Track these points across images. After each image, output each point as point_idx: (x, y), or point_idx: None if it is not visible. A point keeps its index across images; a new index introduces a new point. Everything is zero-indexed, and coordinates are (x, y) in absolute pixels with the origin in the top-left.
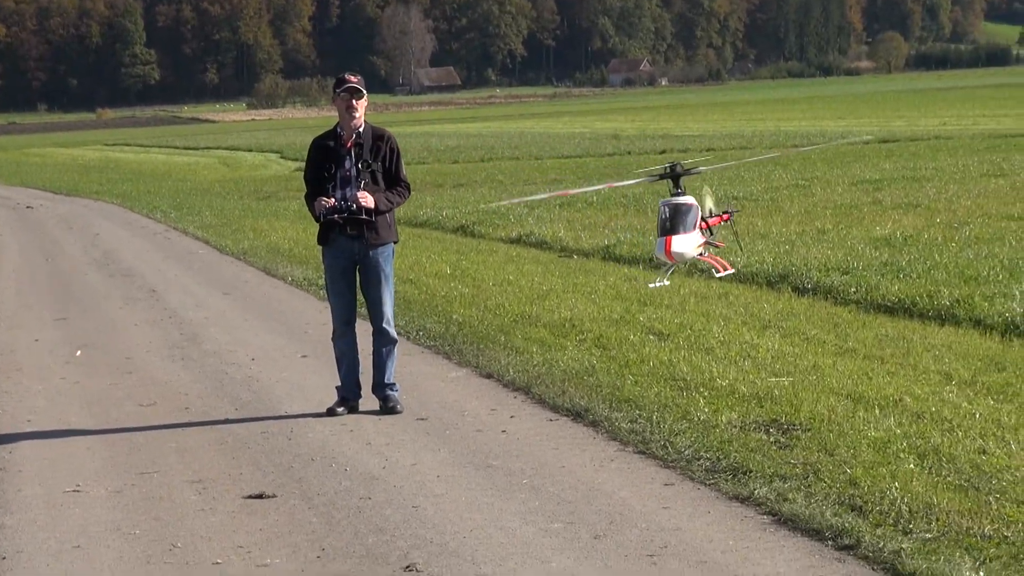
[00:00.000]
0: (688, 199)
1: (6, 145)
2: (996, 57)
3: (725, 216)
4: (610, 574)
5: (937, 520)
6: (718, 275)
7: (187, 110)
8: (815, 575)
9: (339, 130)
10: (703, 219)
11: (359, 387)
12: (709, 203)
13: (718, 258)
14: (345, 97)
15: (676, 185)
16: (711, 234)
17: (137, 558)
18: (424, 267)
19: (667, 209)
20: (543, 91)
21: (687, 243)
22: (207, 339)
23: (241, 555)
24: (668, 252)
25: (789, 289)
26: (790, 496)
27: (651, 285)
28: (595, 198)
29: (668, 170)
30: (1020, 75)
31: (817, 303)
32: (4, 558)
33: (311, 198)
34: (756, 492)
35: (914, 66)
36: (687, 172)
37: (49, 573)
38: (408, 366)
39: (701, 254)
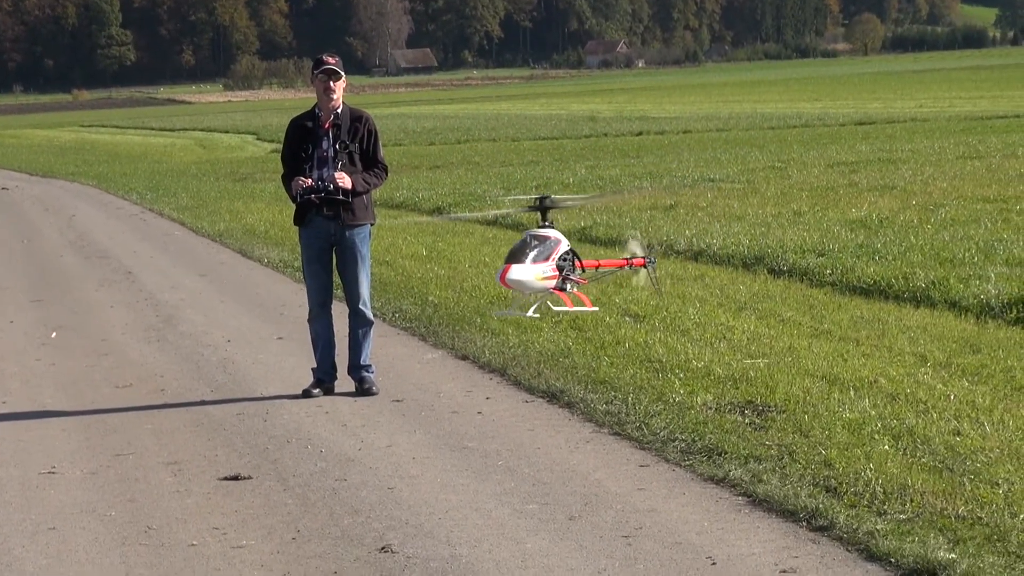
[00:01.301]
0: (550, 233)
1: None
2: (972, 39)
3: (640, 261)
4: (585, 555)
5: (911, 501)
6: (555, 307)
7: (163, 91)
8: (790, 556)
9: (317, 111)
10: (627, 259)
11: (335, 369)
12: (633, 247)
13: (579, 294)
14: (323, 79)
15: (544, 217)
16: (581, 271)
17: (112, 540)
18: (400, 249)
19: (524, 239)
20: (520, 73)
21: (526, 273)
22: (183, 321)
23: (216, 537)
24: (503, 279)
25: (765, 271)
26: (765, 477)
27: (498, 314)
28: (572, 180)
29: (537, 202)
30: (996, 57)
31: (793, 285)
32: None
33: (288, 178)
34: (731, 473)
35: (891, 48)
36: (555, 205)
37: (24, 555)
38: (384, 348)
39: (559, 288)
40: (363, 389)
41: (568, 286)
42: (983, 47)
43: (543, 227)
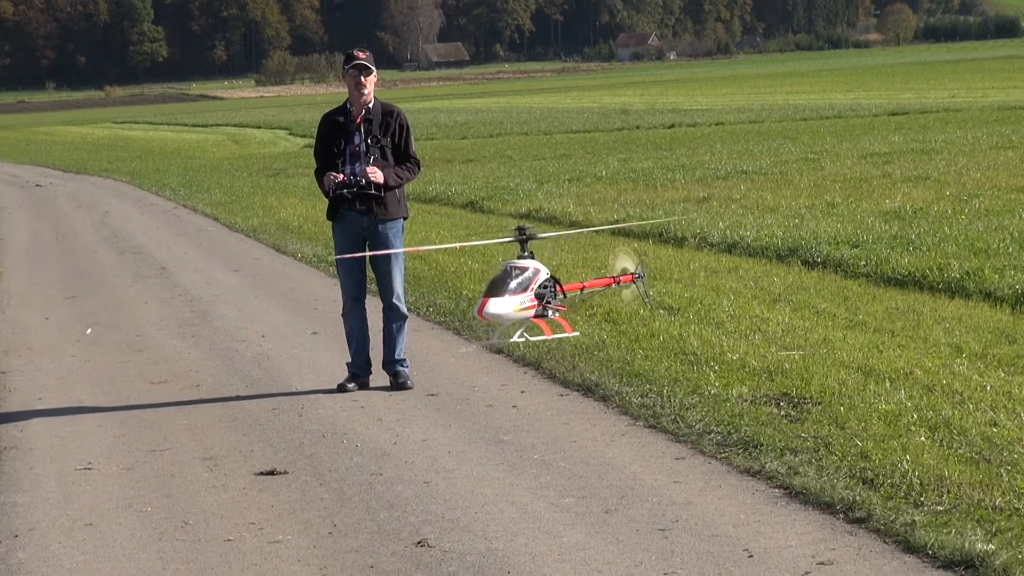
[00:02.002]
0: (529, 263)
1: (15, 124)
2: (1005, 29)
3: (628, 277)
4: (622, 548)
5: (948, 492)
6: (533, 338)
7: (195, 87)
8: (826, 548)
9: (349, 106)
10: (614, 277)
11: (369, 363)
12: (623, 262)
13: (559, 319)
14: (354, 74)
15: (523, 248)
16: (563, 297)
17: (149, 535)
18: (434, 243)
19: (503, 270)
20: (551, 66)
21: (504, 306)
22: (217, 316)
23: (253, 532)
24: (480, 312)
25: (799, 263)
26: (801, 470)
27: (484, 344)
28: (604, 172)
29: (517, 233)
30: None
31: (827, 276)
32: (17, 536)
33: (320, 174)
34: (767, 466)
35: (923, 38)
36: (534, 237)
37: (62, 551)
38: (418, 342)
39: (539, 315)
40: (398, 383)
41: (549, 313)
42: (1016, 37)
43: (522, 257)
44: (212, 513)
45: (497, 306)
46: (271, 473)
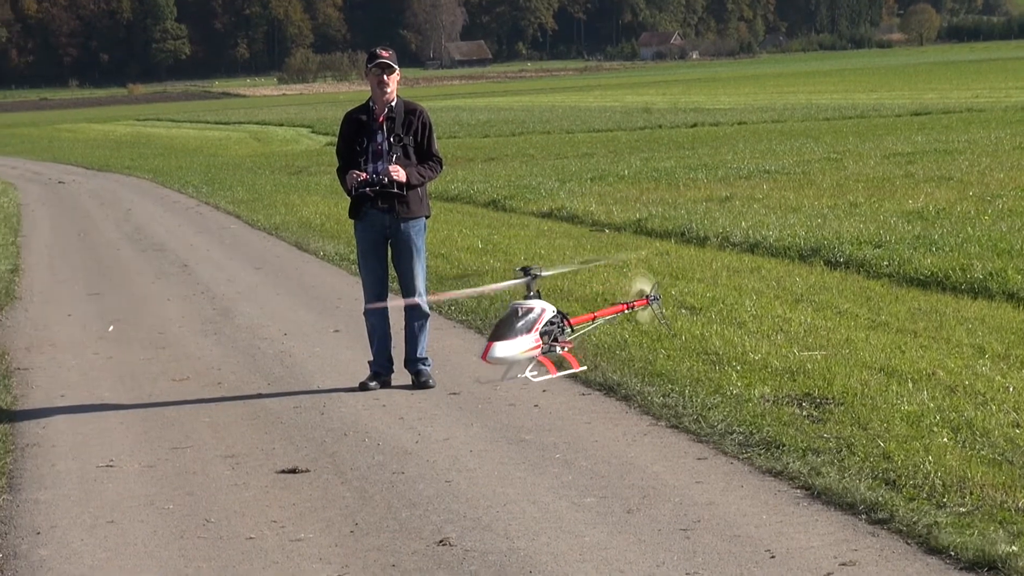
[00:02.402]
0: (534, 304)
1: (38, 121)
2: None
3: (643, 301)
4: (643, 548)
5: (971, 494)
6: (536, 379)
7: (218, 85)
8: (849, 549)
9: (371, 104)
10: (627, 303)
11: (391, 362)
12: (639, 284)
13: (566, 355)
14: (377, 72)
15: (529, 288)
16: (571, 331)
17: (171, 533)
18: (456, 241)
19: (509, 311)
20: (574, 65)
21: (509, 350)
22: (239, 314)
23: (275, 530)
24: (485, 356)
25: (821, 263)
26: (823, 470)
27: (504, 379)
28: (626, 171)
29: (522, 273)
30: None
31: (850, 277)
32: (39, 533)
33: (343, 172)
34: (789, 466)
35: (946, 38)
36: (539, 275)
37: (83, 548)
38: (440, 340)
39: (545, 352)
40: (420, 382)
41: (557, 349)
42: None
43: (528, 297)
44: (234, 511)
45: (503, 350)
46: (293, 471)
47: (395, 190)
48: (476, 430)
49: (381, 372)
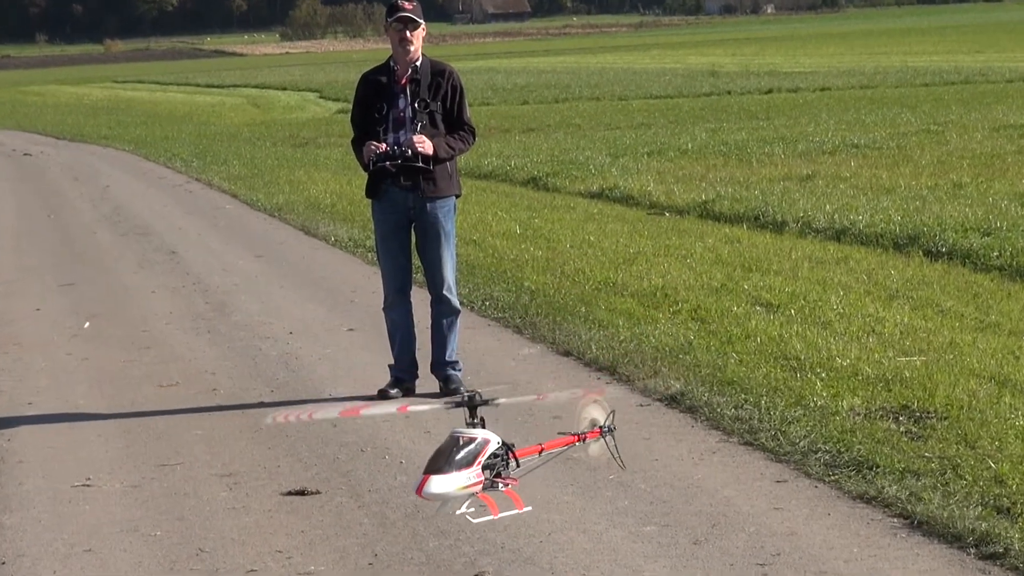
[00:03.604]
0: (477, 433)
1: (0, 82)
2: None
3: (595, 432)
4: None
5: None
6: (475, 520)
7: (210, 42)
8: None
9: (392, 64)
10: (578, 434)
11: (416, 366)
12: (592, 414)
13: (509, 493)
14: (398, 27)
15: (472, 415)
16: (516, 466)
17: (158, 564)
18: (490, 226)
19: (448, 440)
20: (627, 20)
21: (446, 485)
22: (237, 309)
23: (280, 561)
24: (419, 491)
25: (920, 253)
26: (925, 495)
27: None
28: (690, 145)
29: (466, 399)
30: None
31: (953, 269)
32: (3, 563)
33: (359, 143)
34: (884, 491)
35: None
36: (485, 402)
37: None
38: (473, 341)
39: (486, 488)
40: (449, 389)
41: (499, 486)
42: None
43: (471, 424)
44: (232, 539)
45: (439, 485)
46: (301, 493)
47: (420, 164)
48: (515, 445)
49: (404, 378)
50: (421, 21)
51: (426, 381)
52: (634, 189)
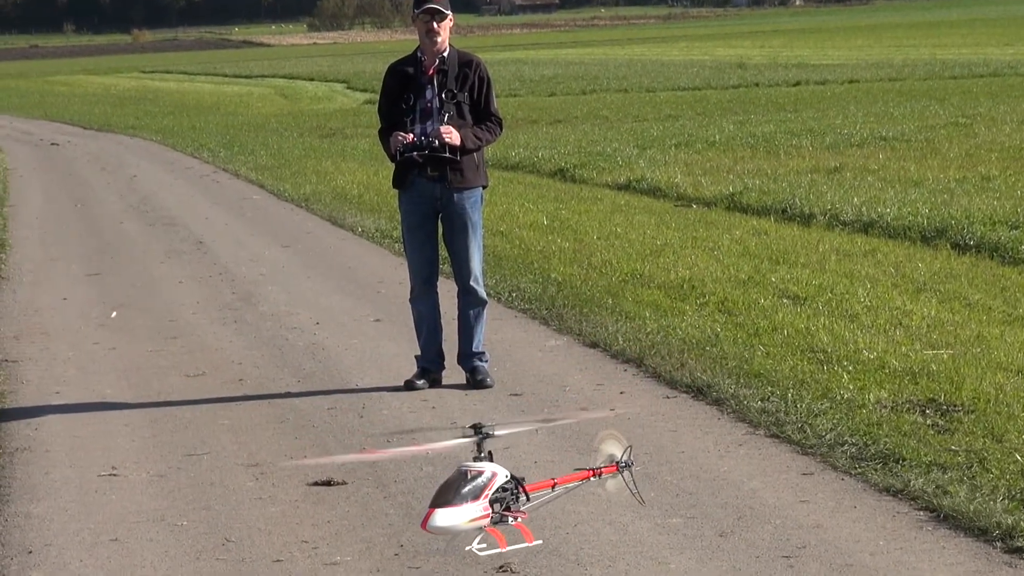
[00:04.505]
0: (484, 466)
1: (27, 72)
2: None
3: (612, 467)
4: None
5: None
6: (482, 553)
7: (238, 32)
8: None
9: (420, 55)
10: (594, 469)
11: (442, 357)
12: (610, 449)
13: (519, 526)
14: (425, 19)
15: (479, 449)
16: (526, 500)
17: (185, 553)
18: (517, 217)
19: (456, 473)
20: (655, 12)
21: (452, 518)
22: (263, 299)
23: (306, 551)
24: (424, 524)
25: (948, 246)
26: (951, 489)
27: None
28: (718, 137)
29: (472, 432)
30: None
31: (981, 262)
32: (31, 552)
33: (386, 133)
34: (911, 484)
35: None
36: (491, 434)
37: (82, 569)
38: (499, 332)
39: (494, 523)
40: (475, 380)
41: (509, 520)
42: None
43: (478, 458)
44: (258, 529)
45: (444, 518)
46: (327, 483)
47: (447, 155)
48: (541, 437)
49: (430, 368)
50: (448, 12)
51: (453, 371)
52: (661, 181)
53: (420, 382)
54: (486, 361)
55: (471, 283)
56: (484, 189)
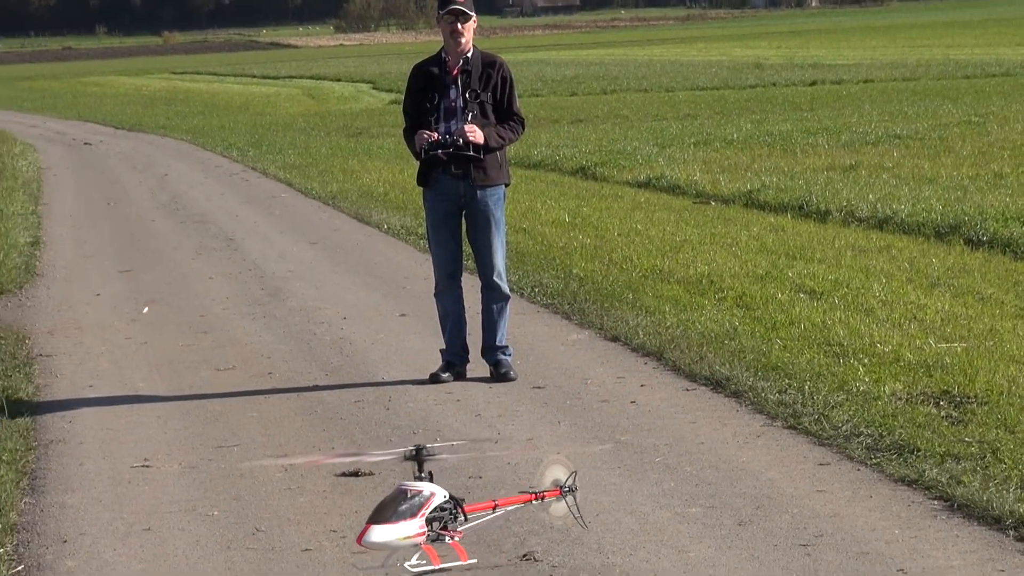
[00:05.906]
0: (423, 486)
1: (61, 73)
2: None
3: (555, 491)
4: (757, 566)
5: None
6: (414, 570)
7: (266, 34)
8: (994, 569)
9: (444, 56)
10: (536, 492)
11: (466, 350)
12: (555, 474)
13: (455, 545)
14: (449, 20)
15: (420, 469)
16: (464, 520)
17: (216, 543)
18: (539, 214)
19: (394, 492)
20: (674, 13)
21: (387, 534)
22: (292, 295)
23: (334, 541)
24: (360, 539)
25: (961, 241)
26: (965, 479)
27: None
28: (735, 135)
29: (413, 453)
30: None
31: (994, 258)
32: (66, 541)
33: (411, 132)
34: (925, 474)
35: None
36: (431, 456)
37: (116, 559)
38: (522, 327)
39: (430, 541)
40: (499, 374)
41: (446, 538)
42: None
43: (418, 478)
44: (287, 519)
45: (380, 534)
46: (355, 474)
47: (471, 153)
48: (564, 429)
49: (455, 362)
50: (472, 14)
51: (477, 365)
52: (680, 179)
53: (445, 375)
54: (509, 355)
55: (494, 278)
56: (507, 187)
